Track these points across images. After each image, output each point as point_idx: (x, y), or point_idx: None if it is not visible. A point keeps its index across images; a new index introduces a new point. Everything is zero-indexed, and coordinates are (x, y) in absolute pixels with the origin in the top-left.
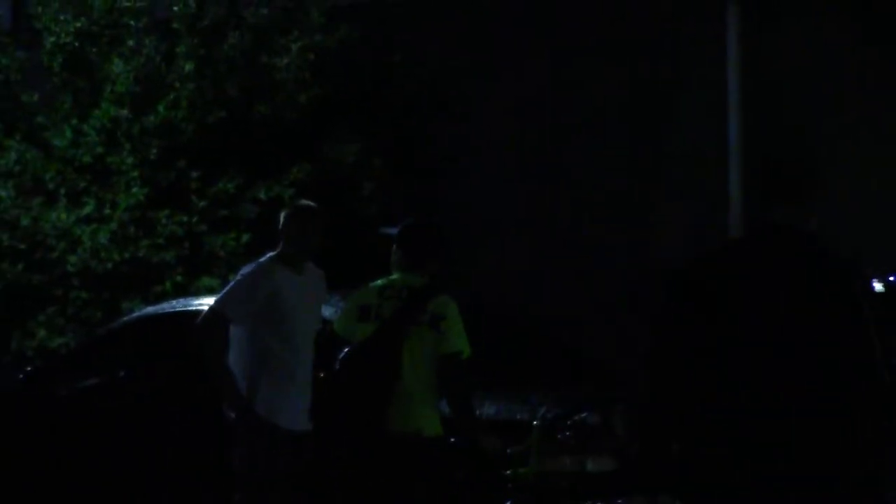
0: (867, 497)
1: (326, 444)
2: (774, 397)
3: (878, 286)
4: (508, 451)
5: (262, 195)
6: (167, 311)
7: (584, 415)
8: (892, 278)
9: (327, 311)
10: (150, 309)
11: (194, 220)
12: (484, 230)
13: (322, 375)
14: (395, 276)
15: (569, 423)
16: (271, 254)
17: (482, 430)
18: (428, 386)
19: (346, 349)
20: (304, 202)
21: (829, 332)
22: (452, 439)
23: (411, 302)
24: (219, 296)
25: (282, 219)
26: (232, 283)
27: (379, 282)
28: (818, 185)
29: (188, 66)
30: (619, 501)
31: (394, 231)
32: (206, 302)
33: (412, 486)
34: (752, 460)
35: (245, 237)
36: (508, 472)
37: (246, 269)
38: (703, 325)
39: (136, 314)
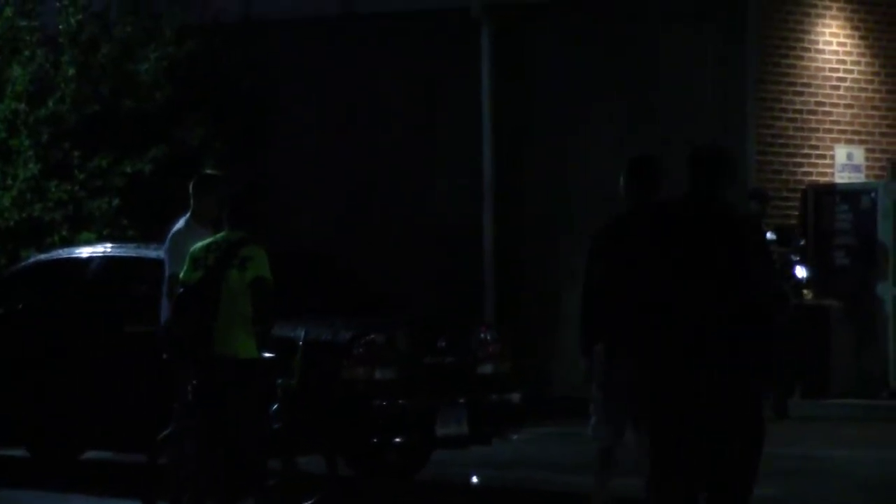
0: (758, 377)
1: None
2: (693, 304)
3: (770, 235)
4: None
5: (128, 169)
6: (55, 257)
7: (372, 336)
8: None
9: None
10: (43, 256)
11: (76, 188)
12: (302, 195)
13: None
14: (221, 234)
15: (362, 342)
16: (186, 215)
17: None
18: (242, 317)
19: (180, 291)
20: (208, 171)
21: (727, 260)
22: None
23: (227, 251)
24: (166, 262)
25: (191, 186)
26: (168, 247)
27: (209, 240)
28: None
29: (71, 71)
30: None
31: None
32: (85, 250)
33: (232, 398)
34: (677, 350)
35: (115, 202)
36: (280, 381)
37: (173, 231)
38: (644, 256)
39: (31, 260)
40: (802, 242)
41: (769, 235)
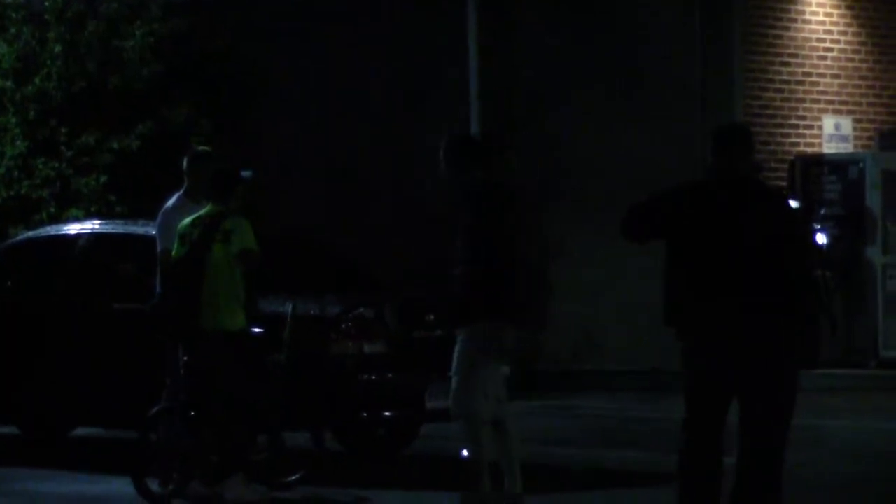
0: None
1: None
2: (741, 275)
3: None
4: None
5: (115, 146)
6: (44, 234)
7: (361, 310)
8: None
9: None
10: (31, 233)
11: (63, 165)
12: (288, 173)
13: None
14: (205, 210)
15: (350, 316)
16: (180, 192)
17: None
18: (229, 290)
19: (168, 267)
20: (201, 148)
21: (779, 230)
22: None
23: (210, 226)
24: (158, 239)
25: (184, 162)
26: (159, 224)
27: (194, 216)
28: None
29: (57, 48)
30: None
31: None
32: (74, 227)
33: (220, 371)
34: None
35: (102, 178)
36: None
37: (165, 207)
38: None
39: (20, 237)
40: (823, 212)
41: (793, 204)
